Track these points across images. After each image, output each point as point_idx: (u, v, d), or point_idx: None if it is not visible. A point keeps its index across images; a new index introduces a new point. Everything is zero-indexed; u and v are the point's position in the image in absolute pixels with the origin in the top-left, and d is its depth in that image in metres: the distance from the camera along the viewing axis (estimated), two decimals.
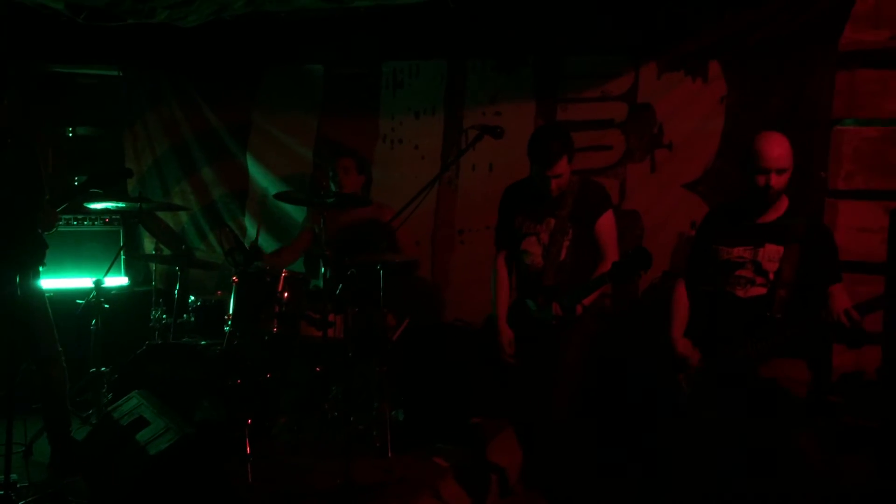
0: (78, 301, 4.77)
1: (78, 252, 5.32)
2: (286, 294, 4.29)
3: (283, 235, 5.61)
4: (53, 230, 4.01)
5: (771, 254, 3.42)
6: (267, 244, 5.64)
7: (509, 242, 4.15)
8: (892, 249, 2.84)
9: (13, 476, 3.52)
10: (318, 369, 4.40)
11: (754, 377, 3.32)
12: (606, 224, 3.94)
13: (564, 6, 4.78)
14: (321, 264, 4.39)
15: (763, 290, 3.41)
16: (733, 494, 3.26)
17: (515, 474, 4.20)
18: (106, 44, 5.57)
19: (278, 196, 4.56)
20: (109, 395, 4.56)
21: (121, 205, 4.82)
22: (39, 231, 3.99)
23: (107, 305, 4.75)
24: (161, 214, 5.44)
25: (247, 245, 4.69)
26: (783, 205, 3.53)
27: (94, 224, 5.45)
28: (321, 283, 4.40)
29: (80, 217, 5.37)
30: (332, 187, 4.93)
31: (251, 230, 5.71)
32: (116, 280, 5.40)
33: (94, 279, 4.73)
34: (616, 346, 4.37)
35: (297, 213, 5.51)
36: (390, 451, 4.04)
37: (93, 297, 4.70)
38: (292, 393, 4.49)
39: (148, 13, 4.74)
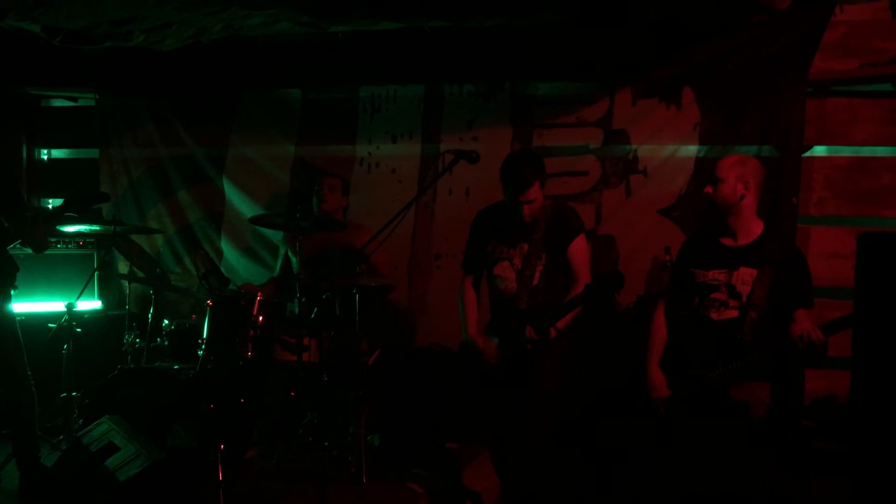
0: (50, 325, 4.70)
1: (50, 275, 5.25)
2: (261, 318, 4.27)
3: (259, 258, 5.59)
4: (47, 248, 3.95)
5: (744, 276, 3.46)
6: (244, 267, 5.64)
7: (478, 267, 4.15)
8: (860, 274, 2.88)
9: None
10: (292, 394, 4.37)
11: (725, 399, 3.34)
12: (579, 248, 3.96)
13: (540, 33, 4.84)
14: (297, 288, 4.37)
15: (735, 313, 3.44)
16: None
17: (492, 500, 4.18)
18: (82, 67, 5.58)
19: (255, 220, 4.54)
20: (80, 421, 4.49)
21: (95, 228, 4.78)
22: (28, 248, 3.92)
23: (79, 329, 4.68)
24: (136, 238, 5.39)
25: (222, 268, 4.67)
26: (757, 229, 3.57)
27: (67, 247, 5.39)
28: (297, 307, 4.38)
29: (53, 240, 5.30)
30: (315, 206, 4.91)
31: (227, 253, 5.68)
32: (90, 304, 5.34)
33: (66, 303, 4.67)
34: (592, 369, 4.38)
35: (274, 235, 5.49)
36: (365, 476, 4.01)
37: (65, 320, 4.63)
38: (266, 418, 4.45)
39: (125, 36, 4.74)
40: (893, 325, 2.67)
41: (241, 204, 5.61)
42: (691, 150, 4.72)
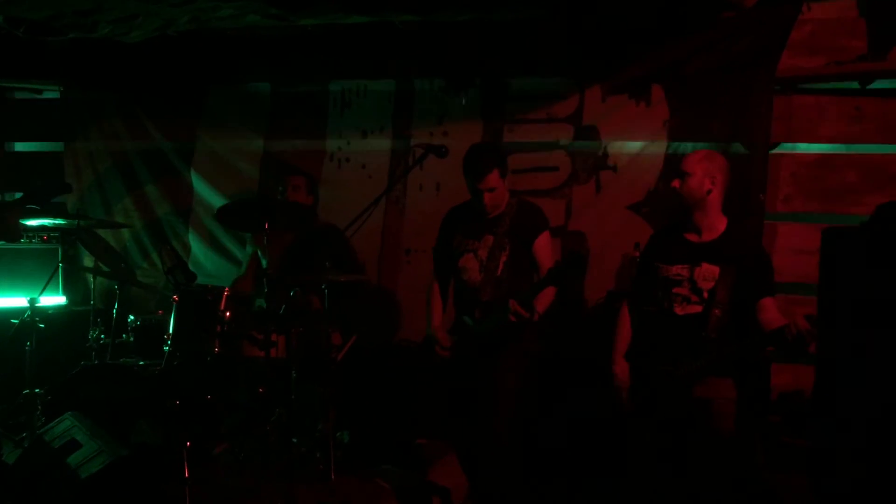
0: (12, 321, 4.62)
1: (14, 270, 5.16)
2: (228, 313, 4.22)
3: (227, 254, 5.54)
4: (21, 238, 3.86)
5: (706, 273, 3.47)
6: (212, 263, 5.58)
7: (446, 262, 4.15)
8: (824, 269, 2.90)
9: None
10: (260, 390, 4.32)
11: (689, 396, 3.36)
12: (543, 244, 3.98)
13: (511, 29, 4.83)
14: (264, 283, 4.33)
15: (698, 308, 3.46)
16: None
17: (460, 497, 4.17)
18: (47, 58, 5.48)
19: (221, 217, 4.48)
20: (43, 418, 4.42)
21: (59, 222, 4.70)
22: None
23: (42, 325, 4.61)
24: (101, 232, 5.31)
25: (189, 264, 4.61)
26: (721, 226, 3.58)
27: (31, 241, 5.29)
28: (265, 303, 4.34)
29: None
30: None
31: (195, 248, 5.62)
32: (54, 299, 5.25)
33: (28, 298, 4.58)
34: (561, 365, 4.40)
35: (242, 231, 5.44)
36: (333, 473, 3.97)
37: (27, 316, 4.56)
38: (234, 415, 4.40)
39: (90, 27, 4.65)
40: (857, 319, 2.70)
41: (209, 198, 5.55)
42: (660, 146, 4.75)
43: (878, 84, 4.46)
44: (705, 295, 3.46)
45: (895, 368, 2.67)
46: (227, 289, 4.32)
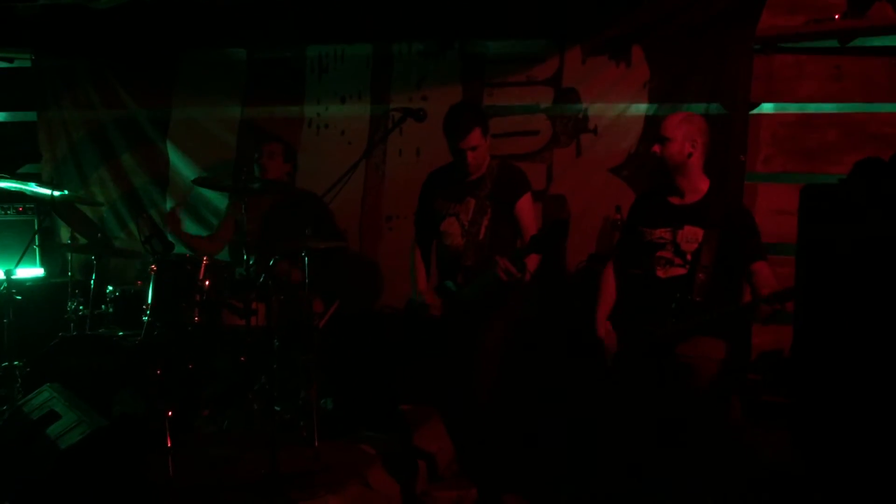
0: None
1: None
2: (207, 282, 4.18)
3: (207, 224, 5.48)
4: None
5: (689, 235, 3.47)
6: (191, 232, 5.51)
7: (427, 227, 4.12)
8: (802, 227, 2.90)
9: None
10: (242, 359, 4.30)
11: (671, 355, 3.37)
12: (526, 206, 3.93)
13: None
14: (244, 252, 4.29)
15: (682, 271, 3.46)
16: (653, 467, 3.31)
17: (445, 460, 4.19)
18: (17, 25, 5.36)
19: (198, 182, 4.43)
20: (23, 391, 4.38)
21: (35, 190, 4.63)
22: None
23: (19, 297, 4.56)
24: (78, 203, 5.24)
25: (167, 235, 4.56)
26: (703, 187, 3.58)
27: (6, 213, 5.23)
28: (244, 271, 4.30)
29: None
30: (256, 172, 4.81)
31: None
32: (31, 271, 5.19)
33: (4, 270, 4.53)
34: (543, 327, 4.40)
35: (220, 200, 5.38)
36: (317, 439, 3.97)
37: (3, 289, 4.50)
38: (216, 384, 4.39)
39: None
40: (835, 278, 2.71)
41: (185, 168, 5.47)
42: (641, 108, 4.72)
43: (859, 42, 4.44)
44: (689, 257, 3.46)
45: (872, 326, 2.68)
46: (205, 258, 4.27)
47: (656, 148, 3.58)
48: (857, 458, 2.65)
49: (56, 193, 4.66)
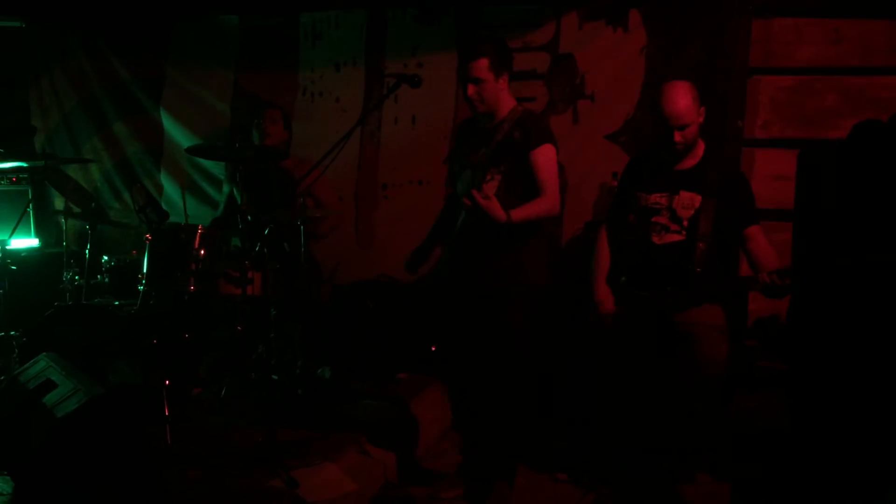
0: None
1: None
2: (203, 251, 4.15)
3: (202, 194, 5.45)
4: None
5: (685, 201, 3.42)
6: (186, 203, 5.48)
7: (454, 182, 3.70)
8: (800, 192, 2.88)
9: None
10: (239, 328, 4.30)
11: (672, 324, 3.35)
12: (544, 157, 3.35)
13: None
14: (239, 220, 4.27)
15: (678, 237, 3.41)
16: (653, 435, 3.31)
17: (442, 429, 4.21)
18: None
19: (191, 150, 4.39)
20: (20, 361, 4.38)
21: (22, 164, 4.59)
22: None
23: (14, 267, 4.54)
24: (72, 172, 5.20)
25: (162, 204, 4.53)
26: (699, 152, 3.53)
27: (0, 183, 5.20)
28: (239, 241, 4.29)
29: None
30: (256, 138, 4.76)
31: (168, 188, 5.53)
32: (26, 241, 5.17)
33: None
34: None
35: (216, 169, 5.35)
36: (315, 408, 3.98)
37: None
38: (213, 353, 4.38)
39: None
40: (832, 239, 2.70)
41: (179, 137, 5.45)
42: (638, 74, 4.67)
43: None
44: (685, 223, 3.41)
45: (868, 288, 2.68)
46: (200, 227, 4.24)
47: (678, 137, 3.36)
48: (851, 421, 2.66)
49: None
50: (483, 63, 3.35)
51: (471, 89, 3.38)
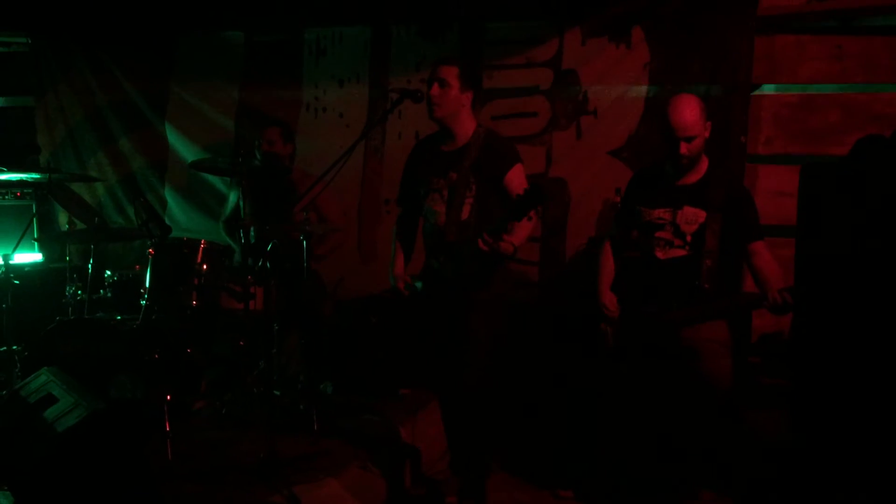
0: None
1: None
2: (205, 266, 4.16)
3: (206, 208, 5.46)
4: None
5: (688, 216, 3.42)
6: (190, 218, 5.51)
7: (410, 201, 3.81)
8: (803, 206, 2.87)
9: None
10: (241, 343, 4.29)
11: (677, 340, 3.33)
12: (517, 178, 3.46)
13: None
14: (241, 235, 4.27)
15: (681, 252, 3.41)
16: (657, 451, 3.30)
17: (444, 443, 4.18)
18: (12, 9, 5.33)
19: (195, 165, 4.41)
20: (22, 375, 4.37)
21: (29, 177, 4.60)
22: None
23: (17, 282, 4.54)
24: (76, 187, 5.23)
25: (166, 219, 4.54)
26: (703, 167, 3.53)
27: (4, 198, 5.21)
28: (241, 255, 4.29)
29: None
30: (258, 158, 4.78)
31: (172, 203, 5.54)
32: (30, 256, 5.19)
33: (2, 255, 4.51)
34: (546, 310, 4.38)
35: (221, 185, 5.36)
36: (316, 423, 3.97)
37: (1, 273, 4.48)
38: (215, 368, 4.37)
39: None
40: (835, 257, 2.68)
41: (184, 151, 5.47)
42: (641, 90, 4.69)
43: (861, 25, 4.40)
44: (689, 238, 3.41)
45: (871, 306, 2.67)
46: (203, 241, 4.25)
47: (684, 149, 3.40)
48: (855, 437, 2.64)
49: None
50: (454, 69, 3.47)
51: (435, 89, 3.47)
